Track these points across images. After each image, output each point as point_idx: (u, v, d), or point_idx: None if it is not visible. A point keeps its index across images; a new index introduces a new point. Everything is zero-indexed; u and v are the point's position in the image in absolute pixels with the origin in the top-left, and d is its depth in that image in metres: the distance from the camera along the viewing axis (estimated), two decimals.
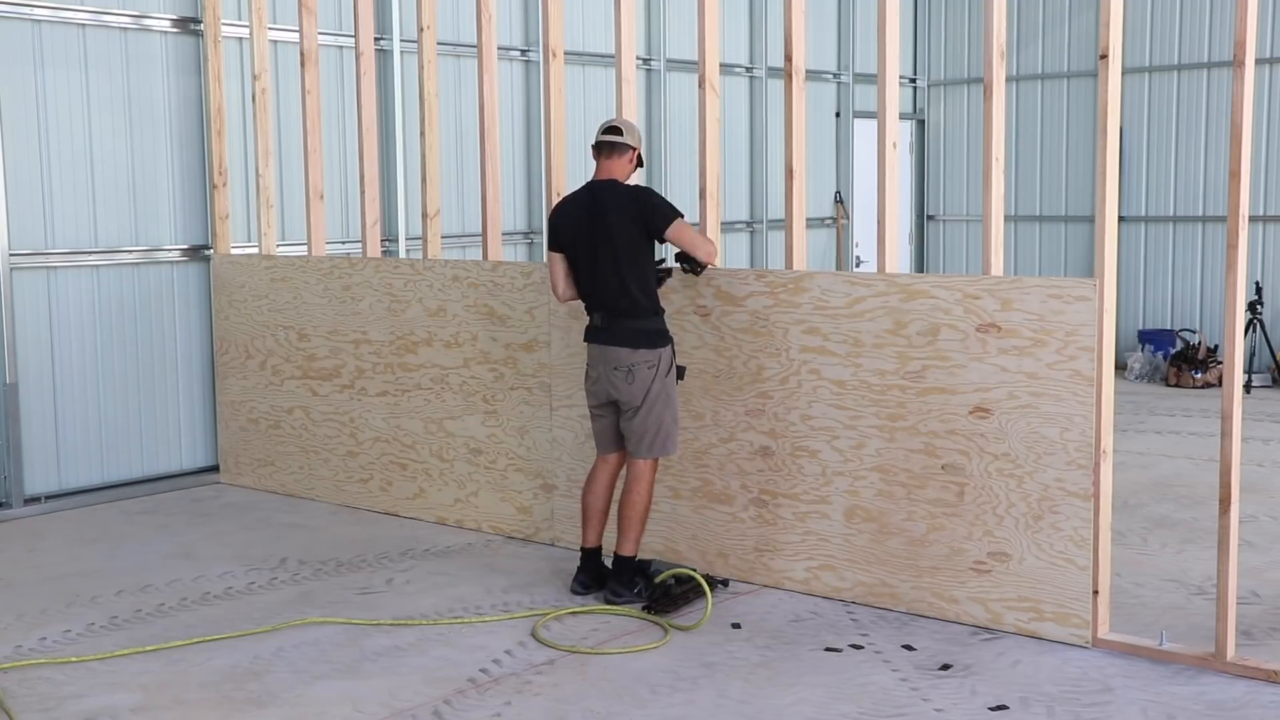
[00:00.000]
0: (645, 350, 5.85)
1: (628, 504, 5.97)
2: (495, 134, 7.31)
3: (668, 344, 5.93)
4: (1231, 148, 4.89)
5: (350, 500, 7.93)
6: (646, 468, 5.97)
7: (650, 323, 5.89)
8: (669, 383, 5.92)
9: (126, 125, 8.28)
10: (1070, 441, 5.29)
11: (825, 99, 13.29)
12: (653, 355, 5.86)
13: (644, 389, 5.86)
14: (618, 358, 5.87)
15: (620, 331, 5.88)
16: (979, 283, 5.50)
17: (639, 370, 5.86)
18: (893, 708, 4.80)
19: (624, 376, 5.87)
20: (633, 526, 5.96)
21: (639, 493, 5.95)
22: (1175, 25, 12.80)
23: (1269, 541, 6.86)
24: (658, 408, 5.88)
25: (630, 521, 5.96)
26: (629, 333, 5.87)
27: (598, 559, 6.15)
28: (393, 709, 4.85)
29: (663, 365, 5.88)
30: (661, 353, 5.88)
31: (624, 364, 5.86)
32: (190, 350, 8.67)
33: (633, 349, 5.86)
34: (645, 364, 5.85)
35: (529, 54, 10.45)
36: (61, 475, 8.11)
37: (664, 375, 5.89)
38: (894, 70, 5.92)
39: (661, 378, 5.88)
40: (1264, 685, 4.91)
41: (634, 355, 5.85)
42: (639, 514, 5.96)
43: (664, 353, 5.89)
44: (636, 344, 5.86)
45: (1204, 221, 12.80)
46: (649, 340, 5.87)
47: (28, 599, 6.20)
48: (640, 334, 5.87)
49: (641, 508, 5.96)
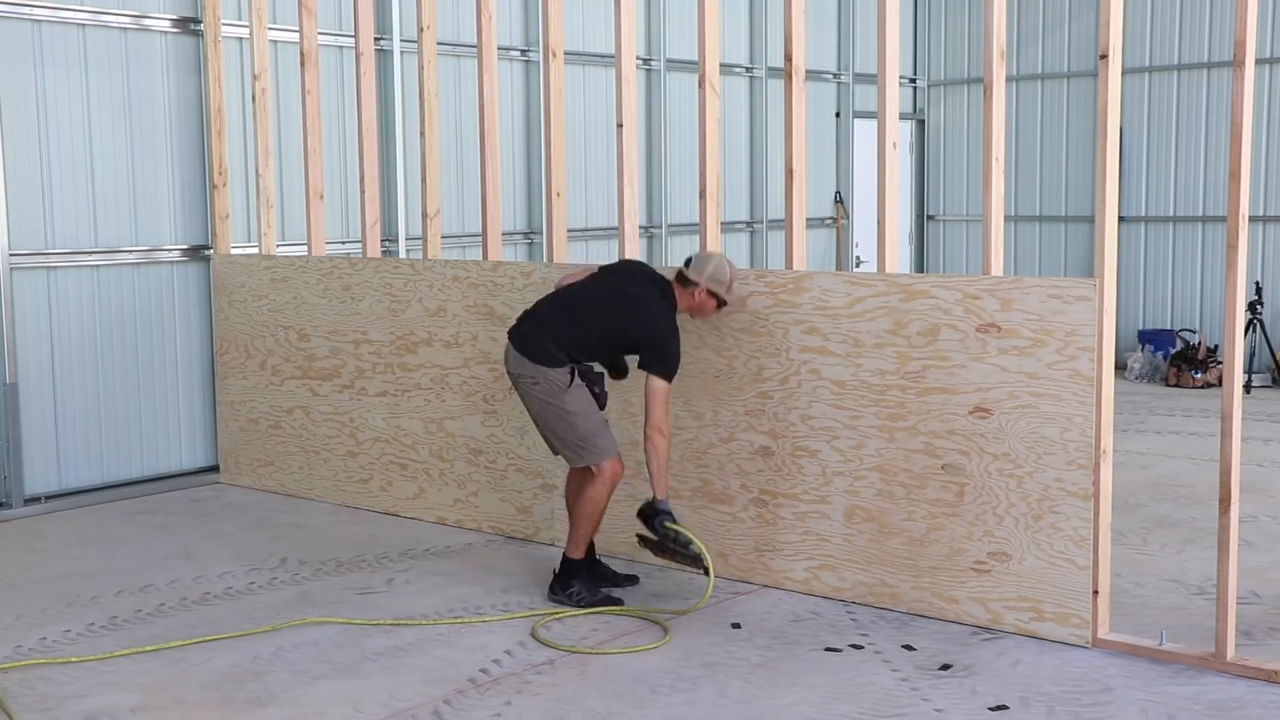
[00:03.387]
0: (532, 364, 5.82)
1: (574, 505, 5.98)
2: (495, 134, 7.31)
3: (559, 367, 5.80)
4: (1231, 148, 4.89)
5: (350, 500, 7.93)
6: (586, 474, 5.90)
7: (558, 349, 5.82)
8: (567, 399, 5.79)
9: (126, 125, 8.28)
10: (1070, 441, 5.29)
11: (825, 99, 13.29)
12: (535, 371, 5.82)
13: (534, 403, 5.87)
14: (516, 363, 5.88)
15: (528, 339, 5.87)
16: (979, 283, 5.50)
17: (523, 382, 5.87)
18: (893, 708, 4.80)
19: (516, 381, 5.92)
20: (575, 527, 5.94)
21: (582, 496, 5.90)
22: (1175, 25, 12.81)
23: (1269, 541, 6.86)
24: (559, 424, 5.84)
25: (574, 522, 5.96)
26: (533, 344, 5.84)
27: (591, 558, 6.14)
28: (393, 709, 4.85)
29: (544, 384, 5.80)
30: (545, 371, 5.80)
31: (515, 370, 5.89)
32: (190, 350, 8.67)
33: (523, 357, 5.85)
34: (529, 379, 5.84)
35: (529, 54, 10.45)
36: (61, 475, 8.11)
37: (555, 393, 5.79)
38: (894, 70, 5.92)
39: (554, 395, 5.79)
40: (1264, 685, 4.91)
41: (521, 365, 5.85)
42: (581, 516, 5.91)
43: (548, 372, 5.79)
44: (530, 355, 5.83)
45: (1204, 221, 12.80)
46: (540, 357, 5.81)
47: (28, 599, 6.20)
48: (540, 350, 5.81)
49: (585, 511, 5.88)
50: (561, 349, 5.82)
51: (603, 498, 5.88)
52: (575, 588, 5.95)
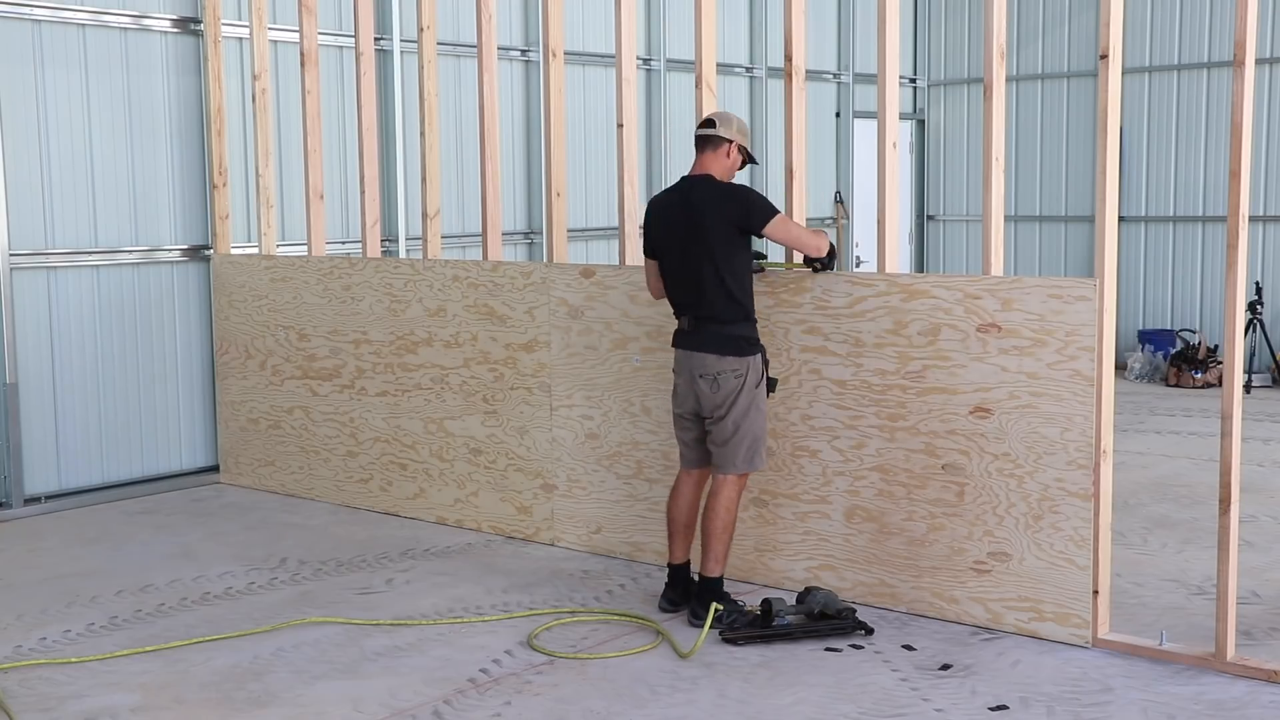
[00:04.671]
0: (733, 358, 5.51)
1: (709, 520, 5.62)
2: (495, 134, 7.31)
3: (757, 352, 5.59)
4: (1231, 148, 4.89)
5: (350, 500, 7.93)
6: (730, 483, 5.62)
7: (739, 329, 5.56)
8: (758, 394, 5.57)
9: (126, 125, 8.28)
10: (1070, 441, 5.29)
11: (825, 99, 13.29)
12: (740, 364, 5.52)
13: (729, 399, 5.52)
14: (704, 364, 5.54)
15: (707, 336, 5.56)
16: (979, 283, 5.50)
17: (725, 379, 5.51)
18: (893, 708, 4.80)
19: (709, 384, 5.54)
20: (713, 545, 5.60)
21: (721, 509, 5.59)
22: (1175, 25, 12.81)
23: (1269, 541, 6.86)
24: (745, 420, 5.55)
25: (710, 539, 5.61)
26: (716, 338, 5.54)
27: (685, 575, 5.82)
28: (393, 709, 4.85)
29: (750, 375, 5.54)
30: (749, 361, 5.54)
31: (710, 371, 5.53)
32: (190, 350, 8.67)
33: (720, 355, 5.52)
34: (732, 372, 5.51)
35: (529, 54, 10.45)
36: (61, 475, 8.11)
37: (752, 386, 5.55)
38: (894, 70, 5.92)
39: (750, 389, 5.54)
40: (1264, 685, 4.91)
41: (720, 363, 5.52)
42: (719, 531, 5.60)
43: (752, 361, 5.55)
44: (724, 350, 5.52)
45: (1204, 221, 12.80)
46: (737, 347, 5.53)
47: (28, 599, 6.20)
48: (728, 340, 5.53)
49: (722, 525, 5.60)
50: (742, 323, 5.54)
51: (735, 509, 5.63)
52: (723, 609, 5.56)
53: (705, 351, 5.57)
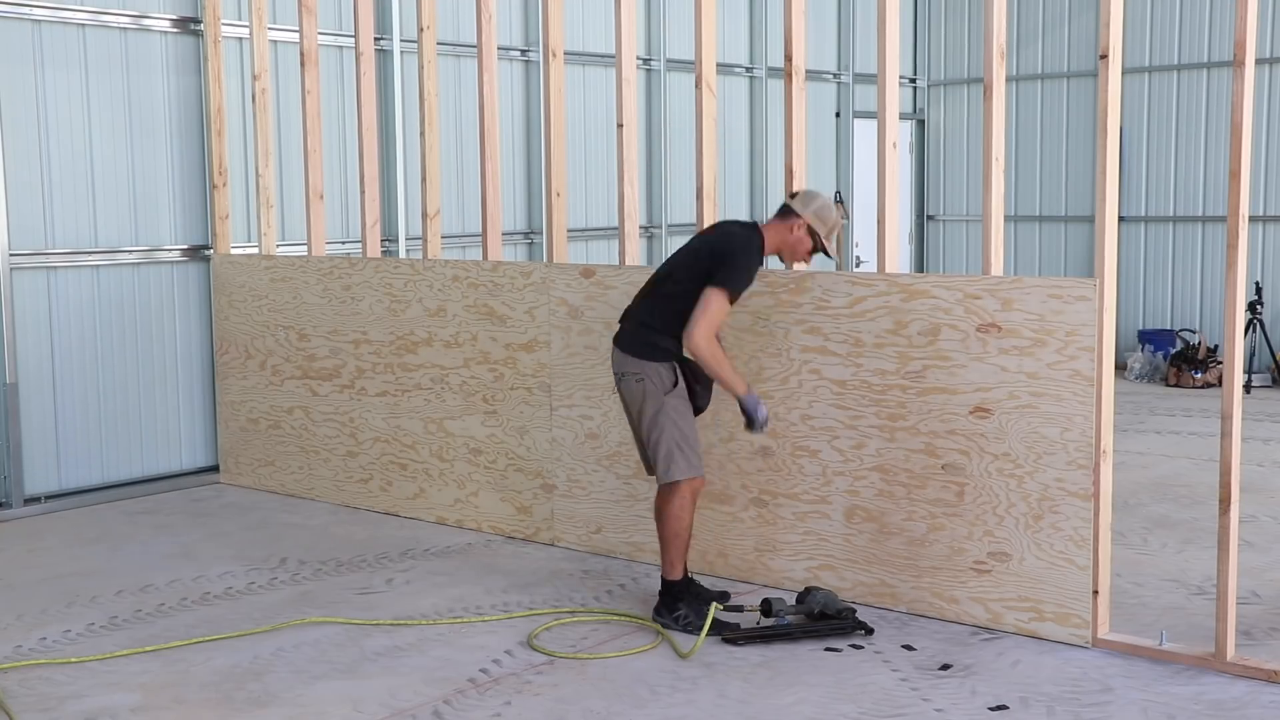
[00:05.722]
0: (634, 359, 5.56)
1: (658, 526, 5.67)
2: (495, 134, 7.31)
3: (663, 360, 5.54)
4: (1231, 148, 4.89)
5: (350, 500, 7.93)
6: (667, 490, 5.60)
7: (655, 336, 5.55)
8: (667, 403, 5.52)
9: (126, 125, 8.28)
10: (1070, 441, 5.29)
11: (825, 99, 13.29)
12: (639, 366, 5.54)
13: (637, 405, 5.57)
14: (618, 360, 5.64)
15: (624, 334, 5.67)
16: (979, 283, 5.50)
17: (626, 380, 5.59)
18: (893, 708, 4.80)
19: (619, 381, 5.65)
20: (665, 550, 5.63)
21: (668, 516, 5.59)
22: (1175, 25, 12.81)
23: (1269, 541, 6.86)
24: (655, 429, 5.54)
25: (661, 544, 5.65)
26: (629, 337, 5.63)
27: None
28: (393, 709, 4.85)
29: (651, 381, 5.52)
30: (650, 366, 5.52)
31: (618, 368, 5.64)
32: (190, 350, 8.67)
33: (624, 354, 5.61)
34: (633, 375, 5.55)
35: (529, 54, 10.45)
36: (61, 475, 8.10)
37: (658, 394, 5.52)
38: (894, 70, 5.92)
39: (655, 396, 5.52)
40: (1264, 685, 4.91)
41: (624, 361, 5.60)
42: (670, 537, 5.60)
43: (653, 366, 5.52)
44: (630, 350, 5.59)
45: (1204, 221, 12.80)
46: (643, 350, 5.55)
47: (28, 599, 6.20)
48: (638, 342, 5.58)
49: (671, 531, 5.58)
50: (660, 334, 5.52)
51: (684, 514, 5.58)
52: (682, 611, 5.61)
53: (617, 346, 5.70)
